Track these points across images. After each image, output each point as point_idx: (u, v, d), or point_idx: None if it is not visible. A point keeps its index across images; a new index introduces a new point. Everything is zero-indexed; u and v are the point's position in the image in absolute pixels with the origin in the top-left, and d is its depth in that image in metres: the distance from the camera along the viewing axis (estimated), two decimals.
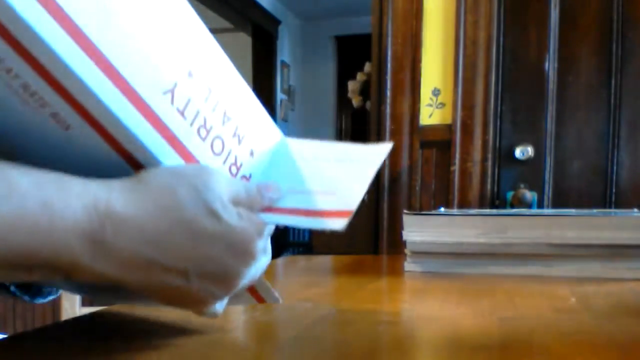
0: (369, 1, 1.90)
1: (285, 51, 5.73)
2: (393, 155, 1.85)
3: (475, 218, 0.81)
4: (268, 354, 0.37)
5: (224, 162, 0.41)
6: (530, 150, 1.79)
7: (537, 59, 1.78)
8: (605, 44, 1.73)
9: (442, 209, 1.05)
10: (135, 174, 0.36)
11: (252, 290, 0.45)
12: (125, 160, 0.37)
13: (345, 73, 5.52)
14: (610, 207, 1.73)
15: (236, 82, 0.43)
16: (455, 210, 1.08)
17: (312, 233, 3.48)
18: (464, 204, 1.78)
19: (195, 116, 0.39)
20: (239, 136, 0.42)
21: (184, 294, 0.36)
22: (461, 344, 0.41)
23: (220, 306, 0.39)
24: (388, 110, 1.85)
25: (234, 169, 0.42)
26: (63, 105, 0.33)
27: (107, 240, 0.33)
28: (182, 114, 0.38)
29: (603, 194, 1.76)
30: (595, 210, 0.96)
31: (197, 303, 0.37)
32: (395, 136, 1.85)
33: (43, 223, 0.31)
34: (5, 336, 0.43)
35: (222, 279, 0.36)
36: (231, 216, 0.36)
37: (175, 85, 0.37)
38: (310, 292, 0.66)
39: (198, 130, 0.39)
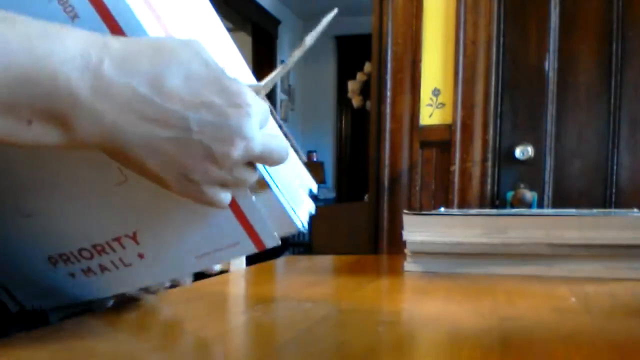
0: (369, 1, 1.90)
1: (285, 51, 5.73)
2: (393, 155, 1.85)
3: (475, 218, 0.81)
4: (268, 354, 0.37)
5: None
6: (530, 150, 1.79)
7: (537, 59, 1.78)
8: (605, 44, 1.73)
9: (442, 209, 1.05)
10: None
11: (250, 229, 0.43)
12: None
13: (345, 73, 5.52)
14: (610, 207, 1.73)
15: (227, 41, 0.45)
16: (455, 210, 1.08)
17: (313, 233, 3.48)
18: (464, 204, 1.78)
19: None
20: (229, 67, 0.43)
21: (185, 153, 0.35)
22: (461, 344, 0.41)
23: (226, 196, 0.38)
24: (388, 110, 1.85)
25: None
26: None
27: (105, 75, 0.32)
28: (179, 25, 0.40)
29: (603, 194, 1.76)
30: (595, 210, 0.96)
31: (199, 169, 0.36)
32: (395, 136, 1.85)
33: (43, 47, 0.31)
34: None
35: (221, 131, 0.35)
36: (221, 70, 0.36)
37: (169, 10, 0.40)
38: (310, 292, 0.66)
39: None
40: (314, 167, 5.92)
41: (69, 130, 0.33)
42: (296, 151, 0.47)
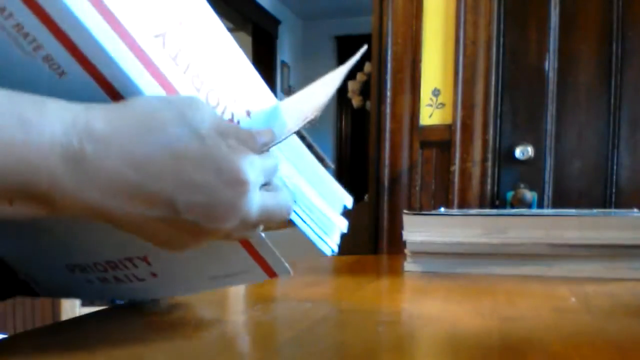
0: (369, 1, 1.90)
1: (285, 51, 5.73)
2: (393, 155, 1.85)
3: (475, 218, 0.81)
4: (268, 353, 0.37)
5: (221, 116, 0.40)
6: (530, 150, 1.79)
7: (537, 59, 1.78)
8: (605, 44, 1.73)
9: (442, 209, 1.05)
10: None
11: (261, 260, 0.43)
12: (105, 90, 0.36)
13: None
14: (610, 207, 1.73)
15: (229, 44, 0.43)
16: (455, 210, 1.08)
17: None
18: (464, 204, 1.78)
19: (188, 66, 0.38)
20: (234, 94, 0.42)
21: (174, 228, 0.34)
22: (461, 344, 0.41)
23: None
24: (388, 110, 1.85)
25: None
26: (57, 47, 0.33)
27: (87, 159, 0.31)
28: (174, 60, 0.37)
29: (603, 194, 1.76)
30: (595, 210, 0.96)
31: (190, 240, 0.35)
32: (395, 136, 1.85)
33: (19, 138, 0.29)
34: (5, 336, 0.43)
35: (213, 211, 0.34)
36: (217, 142, 0.34)
37: (166, 32, 0.37)
38: (310, 292, 0.66)
39: (192, 80, 0.38)
40: None
41: (52, 208, 0.32)
42: (321, 160, 0.48)
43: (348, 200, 0.50)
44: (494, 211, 1.01)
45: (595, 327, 0.45)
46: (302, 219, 0.44)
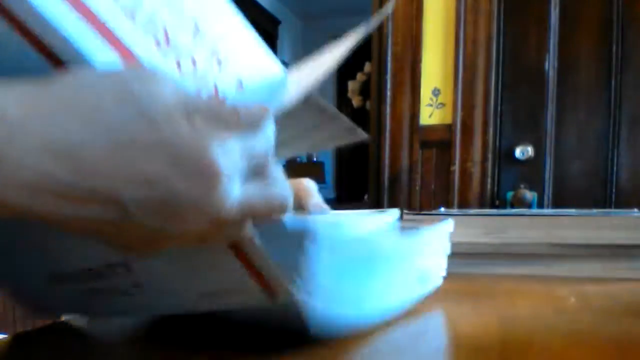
0: (369, 1, 1.90)
1: (285, 51, 5.74)
2: (393, 155, 1.85)
3: (475, 218, 0.81)
4: (268, 353, 0.37)
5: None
6: (530, 150, 1.79)
7: (537, 59, 1.78)
8: (605, 44, 1.73)
9: (442, 209, 1.05)
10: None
11: (258, 275, 0.34)
12: (45, 57, 0.28)
13: (345, 73, 5.54)
14: (610, 207, 1.73)
15: None
16: (455, 210, 1.08)
17: None
18: (464, 204, 1.79)
19: (150, 22, 0.30)
20: (218, 57, 0.33)
21: (125, 231, 0.27)
22: (461, 344, 0.41)
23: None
24: (388, 110, 1.85)
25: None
26: None
27: (3, 155, 0.24)
28: (131, 15, 0.29)
29: (603, 194, 1.76)
30: (595, 210, 0.96)
31: (151, 245, 0.28)
32: (395, 136, 1.85)
33: None
34: (5, 336, 0.43)
35: (172, 210, 0.27)
36: (175, 123, 0.26)
37: None
38: None
39: (157, 42, 0.30)
40: (314, 167, 5.93)
41: None
42: (352, 129, 0.41)
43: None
44: (494, 211, 1.01)
45: (595, 327, 0.45)
46: None
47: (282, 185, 0.31)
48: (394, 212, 0.49)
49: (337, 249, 0.36)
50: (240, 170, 0.28)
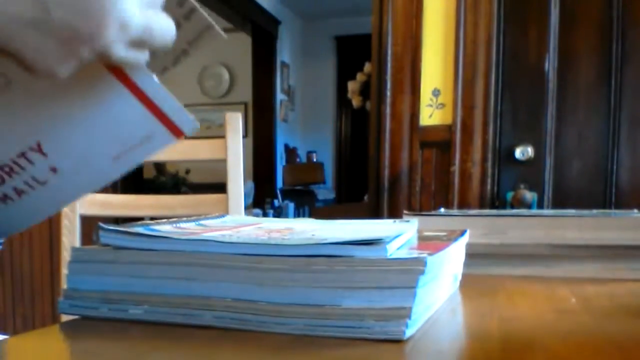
0: (369, 1, 1.90)
1: (285, 51, 5.74)
2: (393, 155, 1.85)
3: (475, 218, 0.81)
4: (267, 353, 0.37)
5: None
6: (530, 150, 1.79)
7: (537, 58, 1.78)
8: (605, 44, 1.73)
9: (442, 210, 1.05)
10: None
11: (161, 115, 0.39)
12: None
13: (345, 73, 5.53)
14: (610, 207, 1.73)
15: None
16: (455, 211, 1.08)
17: None
18: (463, 204, 1.79)
19: None
20: None
21: (44, 34, 0.30)
22: (461, 343, 0.41)
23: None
24: (388, 110, 1.85)
25: None
26: None
27: None
28: None
29: (603, 194, 1.76)
30: (595, 211, 0.96)
31: (64, 53, 0.31)
32: (395, 136, 1.85)
33: None
34: (5, 336, 0.43)
35: (87, 8, 0.30)
36: None
37: None
38: None
39: None
40: (314, 167, 5.93)
41: None
42: (210, 27, 0.41)
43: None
44: (494, 211, 1.01)
45: (596, 328, 0.45)
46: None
47: (168, 19, 0.36)
48: (415, 222, 0.55)
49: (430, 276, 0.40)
50: None
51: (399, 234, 0.43)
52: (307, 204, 5.38)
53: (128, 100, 0.37)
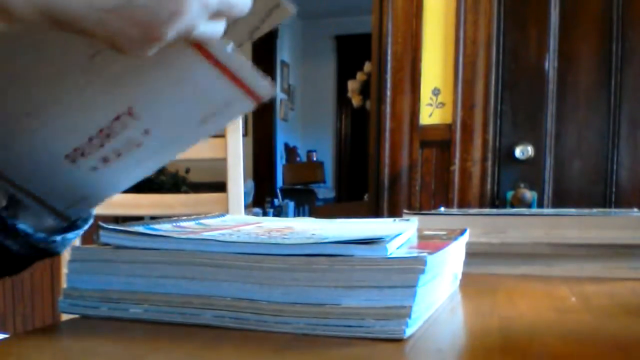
0: (369, 1, 1.90)
1: (285, 51, 5.74)
2: (393, 154, 1.85)
3: (475, 217, 0.81)
4: (267, 353, 0.37)
5: None
6: (530, 150, 1.79)
7: (537, 58, 1.78)
8: (605, 44, 1.73)
9: (442, 209, 1.05)
10: None
11: (239, 82, 0.41)
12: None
13: (345, 73, 5.53)
14: (610, 207, 1.73)
15: None
16: (455, 210, 1.08)
17: None
18: (463, 203, 1.79)
19: None
20: None
21: (125, 19, 0.32)
22: (461, 342, 0.41)
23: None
24: (388, 109, 1.85)
25: None
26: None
27: None
28: None
29: (603, 194, 1.76)
30: (595, 210, 0.96)
31: (145, 36, 0.33)
32: (395, 136, 1.85)
33: None
34: (5, 336, 0.43)
35: None
36: None
37: None
38: None
39: None
40: (314, 167, 5.93)
41: (5, 14, 0.31)
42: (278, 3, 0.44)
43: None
44: (494, 211, 1.01)
45: (596, 327, 0.45)
46: None
47: None
48: (415, 221, 0.55)
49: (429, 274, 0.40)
50: None
51: (399, 233, 0.43)
52: (307, 203, 5.38)
53: (207, 70, 0.40)
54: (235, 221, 0.56)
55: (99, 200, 0.52)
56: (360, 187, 4.78)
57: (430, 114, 1.83)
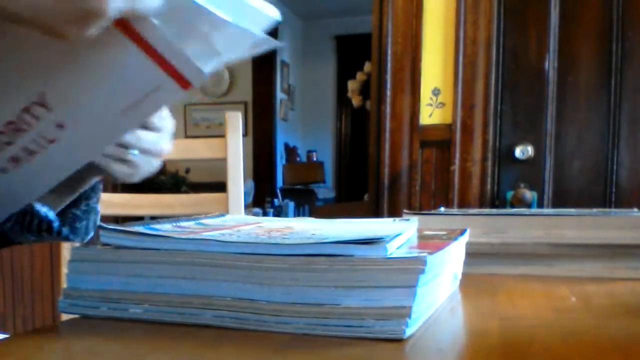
0: (369, 1, 1.90)
1: (285, 50, 5.74)
2: (393, 154, 1.85)
3: (475, 217, 0.81)
4: (267, 354, 0.37)
5: None
6: (530, 150, 1.79)
7: (537, 59, 1.78)
8: (605, 44, 1.73)
9: (442, 209, 1.05)
10: None
11: (167, 66, 0.37)
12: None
13: (345, 73, 5.54)
14: (610, 207, 1.73)
15: None
16: (455, 210, 1.08)
17: None
18: (463, 203, 1.79)
19: None
20: None
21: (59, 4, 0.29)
22: (461, 342, 0.41)
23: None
24: (388, 109, 1.85)
25: None
26: None
27: None
28: None
29: (603, 194, 1.76)
30: (595, 210, 0.96)
31: (79, 19, 0.30)
32: (395, 136, 1.85)
33: None
34: (5, 336, 0.43)
35: None
36: None
37: None
38: None
39: None
40: (314, 167, 5.93)
41: None
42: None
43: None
44: (494, 211, 1.01)
45: (595, 326, 0.45)
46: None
47: None
48: (415, 221, 0.55)
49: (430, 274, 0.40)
50: None
51: (398, 233, 0.43)
52: (307, 203, 5.38)
53: (132, 52, 0.36)
54: (235, 221, 0.56)
55: (14, 207, 0.47)
56: (360, 187, 4.78)
57: (430, 114, 1.83)
